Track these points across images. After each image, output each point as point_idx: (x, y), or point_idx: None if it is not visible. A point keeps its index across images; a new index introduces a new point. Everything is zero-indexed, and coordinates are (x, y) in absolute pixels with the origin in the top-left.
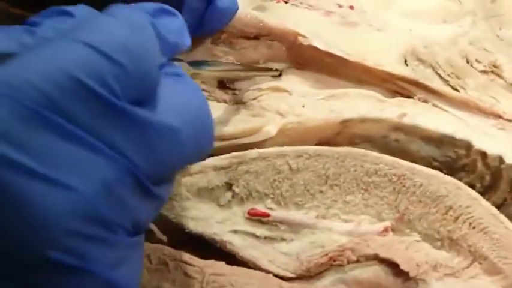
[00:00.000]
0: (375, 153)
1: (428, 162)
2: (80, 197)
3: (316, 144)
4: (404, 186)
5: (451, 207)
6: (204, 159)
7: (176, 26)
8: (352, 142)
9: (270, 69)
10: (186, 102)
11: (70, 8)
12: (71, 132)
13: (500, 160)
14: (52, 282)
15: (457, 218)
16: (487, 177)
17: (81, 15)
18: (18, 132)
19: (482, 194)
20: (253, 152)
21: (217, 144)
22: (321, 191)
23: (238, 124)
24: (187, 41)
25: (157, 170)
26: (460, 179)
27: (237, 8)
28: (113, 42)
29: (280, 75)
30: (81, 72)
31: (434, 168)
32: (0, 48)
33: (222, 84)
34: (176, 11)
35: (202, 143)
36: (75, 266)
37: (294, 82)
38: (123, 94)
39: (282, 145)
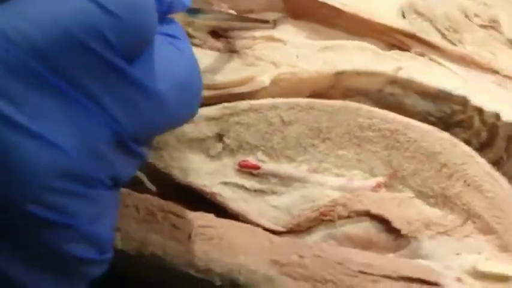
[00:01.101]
0: (369, 107)
1: (423, 117)
2: (62, 153)
3: (309, 97)
4: (398, 141)
5: (445, 164)
6: None
7: None
8: (346, 95)
9: (265, 21)
10: (179, 69)
11: None
12: (59, 87)
13: (497, 117)
14: (33, 236)
15: (451, 175)
16: (483, 134)
17: None
18: (7, 83)
19: (478, 150)
20: (245, 103)
21: (209, 93)
22: (313, 145)
23: (231, 73)
24: (185, 1)
25: (142, 132)
26: (456, 135)
27: None
28: None
29: (273, 27)
30: (77, 25)
31: (429, 123)
32: None
33: (215, 33)
34: None
35: (188, 109)
36: (55, 220)
37: (289, 32)
38: (119, 46)
39: (274, 96)
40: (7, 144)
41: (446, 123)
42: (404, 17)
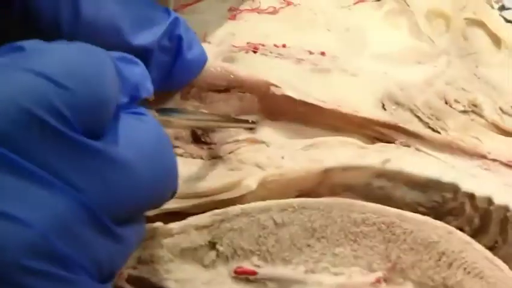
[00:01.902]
0: (361, 202)
1: (413, 208)
2: (31, 230)
3: (297, 196)
4: (394, 234)
5: (443, 253)
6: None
7: (138, 71)
8: (333, 192)
9: (245, 121)
10: (143, 137)
11: (22, 43)
12: (18, 164)
13: (489, 201)
14: None
15: (450, 264)
16: (476, 220)
17: (33, 47)
18: None
19: (471, 237)
20: (236, 208)
21: (196, 201)
22: (308, 245)
23: (216, 179)
24: (149, 86)
25: (114, 207)
26: (448, 223)
27: (206, 59)
28: (63, 68)
29: (255, 126)
30: (28, 100)
31: (420, 213)
32: None
33: (197, 139)
34: (138, 60)
35: (164, 183)
36: None
37: (269, 133)
38: (75, 121)
39: (262, 199)
40: None
41: (437, 212)
42: (384, 108)
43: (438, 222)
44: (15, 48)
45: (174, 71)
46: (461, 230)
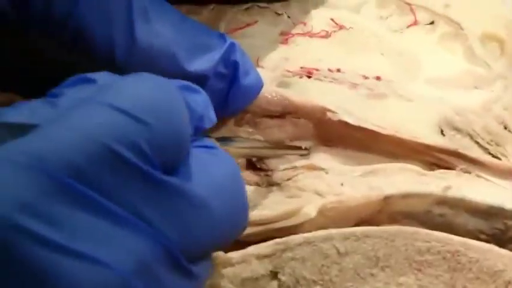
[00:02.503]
0: (426, 230)
1: (475, 236)
2: (113, 272)
3: (356, 224)
4: (459, 263)
5: (510, 282)
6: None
7: (201, 100)
8: (393, 219)
9: (299, 148)
10: (219, 174)
11: (93, 75)
12: (100, 204)
13: None
14: None
15: None
16: None
17: (105, 81)
18: (44, 205)
19: None
20: (297, 237)
21: (253, 229)
22: (371, 274)
23: (274, 207)
24: (212, 116)
25: (191, 246)
26: (510, 251)
27: (262, 85)
28: (140, 102)
29: (308, 153)
30: (110, 138)
31: (481, 241)
32: (22, 120)
33: (252, 166)
34: (200, 88)
35: (237, 220)
36: None
37: (325, 160)
38: (154, 158)
39: (321, 226)
40: (47, 266)
41: (499, 240)
42: (443, 134)
43: (503, 251)
44: (85, 80)
45: (229, 97)
46: None
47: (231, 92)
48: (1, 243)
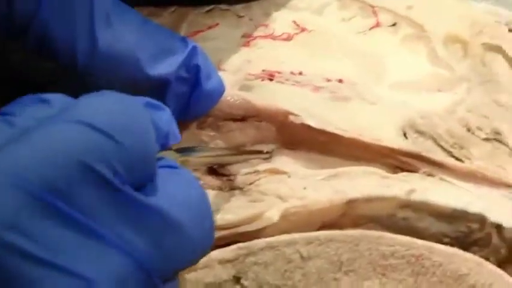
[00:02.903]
0: (390, 234)
1: (438, 239)
2: (91, 284)
3: (320, 228)
4: (423, 267)
5: (473, 286)
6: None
7: (166, 117)
8: (357, 223)
9: (260, 152)
10: (186, 194)
11: (48, 96)
12: (79, 220)
13: None
14: None
15: None
16: (502, 251)
17: (61, 103)
18: (23, 219)
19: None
20: (260, 242)
21: (217, 234)
22: (335, 279)
23: (236, 211)
24: (177, 132)
25: (165, 266)
26: (473, 254)
27: (224, 89)
28: (113, 121)
29: (270, 157)
30: (84, 154)
31: (445, 244)
32: None
33: (214, 170)
34: (163, 105)
35: (205, 237)
36: None
37: (288, 163)
38: (127, 178)
39: (284, 231)
40: (28, 280)
41: (462, 243)
42: (406, 137)
43: (468, 254)
44: (39, 101)
45: (192, 101)
46: (486, 260)
47: (193, 96)
48: None
